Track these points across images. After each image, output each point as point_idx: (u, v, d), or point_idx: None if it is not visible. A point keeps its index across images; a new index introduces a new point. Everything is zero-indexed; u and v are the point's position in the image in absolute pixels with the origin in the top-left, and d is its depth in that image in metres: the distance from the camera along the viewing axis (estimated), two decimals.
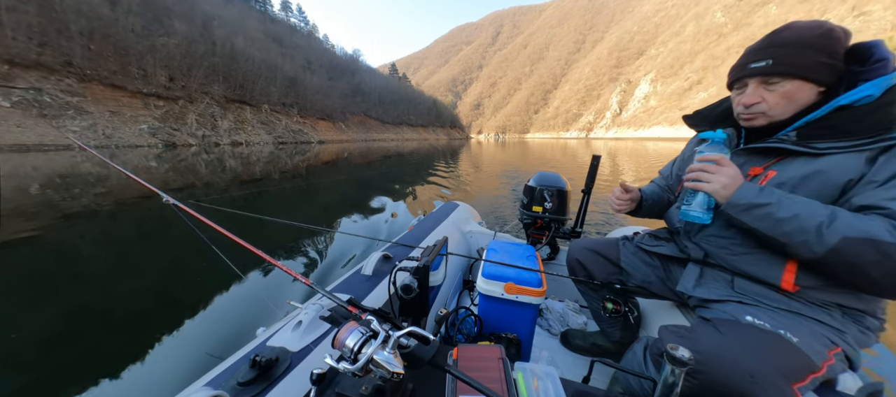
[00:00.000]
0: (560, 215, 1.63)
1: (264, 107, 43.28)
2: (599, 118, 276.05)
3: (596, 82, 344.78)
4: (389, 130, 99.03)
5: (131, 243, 3.56)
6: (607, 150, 25.97)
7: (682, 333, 0.70)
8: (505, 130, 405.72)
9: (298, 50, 67.86)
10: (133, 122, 26.94)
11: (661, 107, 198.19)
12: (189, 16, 38.16)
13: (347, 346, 0.47)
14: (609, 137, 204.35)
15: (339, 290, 1.07)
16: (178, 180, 8.29)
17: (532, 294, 1.01)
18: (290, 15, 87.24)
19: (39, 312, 2.09)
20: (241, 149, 24.43)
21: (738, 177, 0.69)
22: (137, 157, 14.95)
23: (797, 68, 0.65)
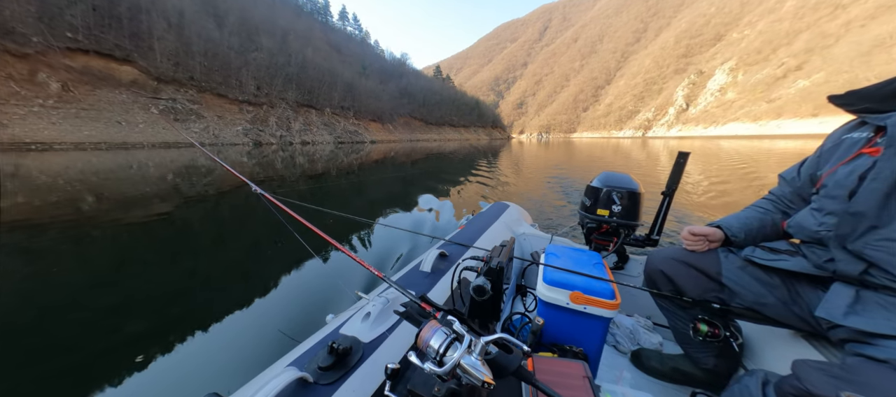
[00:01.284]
0: (630, 220, 1.46)
1: (327, 110, 49.16)
2: (660, 114, 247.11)
3: (658, 75, 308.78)
4: (432, 131, 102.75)
5: (227, 223, 4.27)
6: (668, 150, 24.05)
7: (838, 373, 0.54)
8: (549, 130, 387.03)
9: (354, 57, 74.70)
10: (232, 125, 33.35)
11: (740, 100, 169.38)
12: (272, 31, 45.21)
13: (432, 347, 0.46)
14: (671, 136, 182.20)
15: (401, 285, 1.08)
16: (261, 173, 9.75)
17: (604, 306, 0.93)
18: (347, 24, 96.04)
19: (167, 272, 2.67)
20: (308, 147, 28.57)
21: None
22: (235, 154, 18.57)
23: None
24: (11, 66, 22.66)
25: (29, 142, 19.36)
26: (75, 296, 2.25)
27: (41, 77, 23.53)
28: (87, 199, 5.53)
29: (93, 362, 1.63)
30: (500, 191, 7.01)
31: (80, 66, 26.20)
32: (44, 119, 21.58)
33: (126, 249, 3.24)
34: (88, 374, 1.55)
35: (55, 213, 4.43)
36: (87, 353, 1.68)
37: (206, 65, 34.88)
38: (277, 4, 61.12)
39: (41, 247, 3.21)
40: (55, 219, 4.17)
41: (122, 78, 28.39)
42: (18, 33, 23.13)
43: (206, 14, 37.35)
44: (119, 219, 4.28)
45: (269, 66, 40.64)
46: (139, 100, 28.25)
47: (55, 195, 5.80)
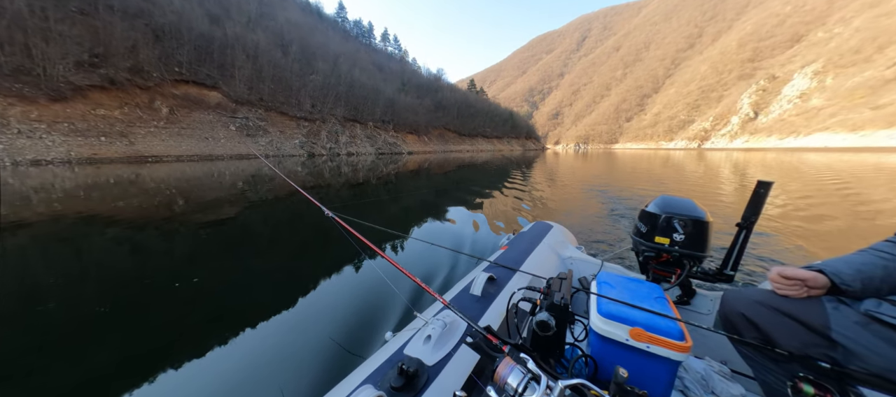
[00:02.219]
0: (697, 251, 1.35)
1: (369, 123, 53.21)
2: (720, 124, 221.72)
3: (716, 81, 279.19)
4: (465, 142, 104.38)
5: (281, 228, 4.50)
6: (732, 163, 21.24)
7: None
8: (587, 140, 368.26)
9: (394, 74, 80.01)
10: (291, 138, 37.88)
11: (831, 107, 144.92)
12: (325, 57, 50.80)
13: (511, 385, 0.46)
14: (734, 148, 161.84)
15: (455, 307, 1.07)
16: (311, 181, 10.78)
17: (673, 347, 0.83)
18: (388, 44, 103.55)
19: (227, 267, 2.97)
20: (353, 157, 31.40)
21: None
22: (292, 164, 21.02)
23: None
24: (138, 96, 28.77)
25: (147, 155, 24.26)
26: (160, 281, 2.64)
27: (156, 104, 29.45)
28: (179, 202, 6.35)
29: (166, 350, 1.80)
30: (539, 207, 6.76)
31: (181, 93, 32.23)
32: (157, 137, 26.87)
33: (202, 244, 3.68)
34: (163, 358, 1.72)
35: (155, 214, 5.22)
36: (162, 340, 1.91)
37: (273, 87, 40.38)
38: (330, 31, 68.54)
39: (142, 239, 3.84)
40: (153, 217, 4.95)
41: (209, 101, 34.19)
42: (145, 71, 29.42)
43: (274, 45, 43.43)
44: (198, 218, 4.89)
45: (322, 87, 45.58)
46: (221, 119, 33.67)
47: (158, 198, 6.89)
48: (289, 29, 48.46)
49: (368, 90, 54.11)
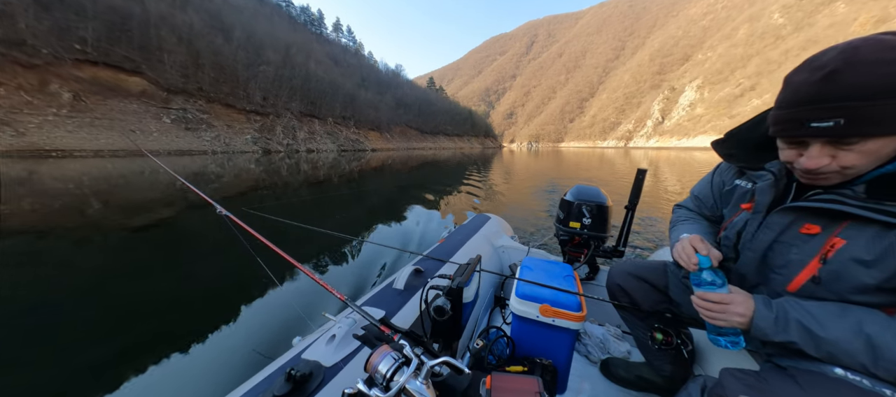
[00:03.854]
0: (600, 232, 1.51)
1: (329, 119, 50.17)
2: (639, 126, 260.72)
3: (636, 90, 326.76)
4: (427, 140, 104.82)
5: (200, 232, 4.05)
6: (649, 160, 25.86)
7: (751, 382, 0.59)
8: (538, 139, 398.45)
9: (352, 68, 76.32)
10: (241, 133, 33.88)
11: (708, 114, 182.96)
12: (276, 46, 46.25)
13: (380, 372, 0.46)
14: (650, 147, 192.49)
15: (372, 304, 1.05)
16: (267, 179, 9.81)
17: (570, 318, 0.95)
18: (341, 35, 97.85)
19: (147, 282, 2.49)
20: (313, 155, 29.46)
21: (749, 305, 0.60)
22: (244, 161, 18.93)
23: (881, 127, 0.47)
24: (21, 76, 22.80)
25: (49, 149, 19.56)
26: (49, 306, 2.10)
27: (53, 88, 23.70)
28: (94, 205, 5.34)
29: (71, 369, 1.53)
30: (490, 202, 6.83)
31: (89, 77, 26.41)
32: (60, 128, 21.74)
33: (119, 256, 3.13)
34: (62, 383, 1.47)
35: (56, 219, 4.30)
36: (65, 363, 1.58)
37: (215, 76, 35.46)
38: (275, 17, 62.29)
39: (38, 250, 3.15)
40: (56, 224, 4.04)
41: (130, 88, 28.68)
42: (28, 45, 23.38)
43: (213, 29, 38.13)
44: (123, 224, 4.18)
45: (274, 79, 41.52)
46: (150, 110, 28.56)
47: (60, 201, 5.54)
48: (227, 12, 42.86)
49: (326, 84, 50.92)
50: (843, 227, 0.55)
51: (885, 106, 0.45)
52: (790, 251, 0.62)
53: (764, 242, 0.65)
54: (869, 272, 0.53)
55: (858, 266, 0.53)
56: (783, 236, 0.62)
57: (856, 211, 0.52)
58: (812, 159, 0.54)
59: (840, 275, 0.55)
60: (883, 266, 0.51)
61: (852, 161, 0.51)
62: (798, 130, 0.53)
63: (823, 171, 0.54)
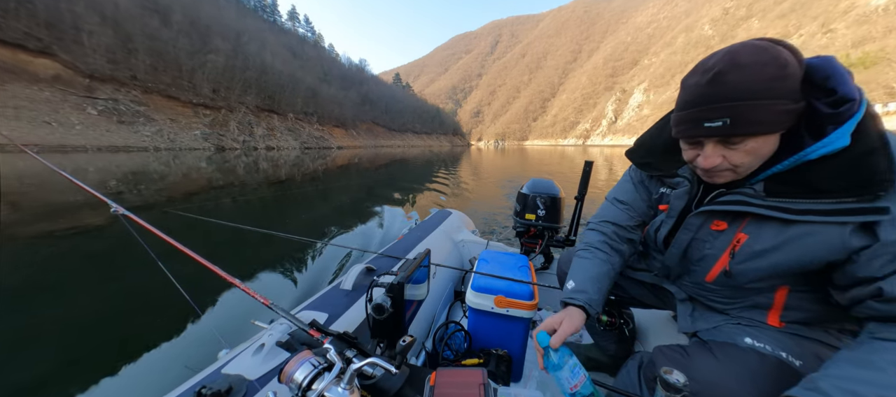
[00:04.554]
0: (553, 223, 1.58)
1: (290, 115, 47.54)
2: (596, 126, 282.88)
3: (592, 91, 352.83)
4: (396, 137, 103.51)
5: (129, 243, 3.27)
6: (604, 157, 27.33)
7: (677, 358, 0.66)
8: (504, 137, 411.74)
9: (313, 61, 72.59)
10: (188, 129, 30.90)
11: (654, 115, 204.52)
12: (225, 33, 42.54)
13: (295, 381, 0.42)
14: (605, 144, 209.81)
15: (314, 308, 0.99)
16: (221, 179, 8.77)
17: (523, 307, 0.98)
18: (298, 25, 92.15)
19: (82, 291, 2.23)
20: (274, 152, 27.77)
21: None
22: (194, 159, 17.11)
23: (759, 126, 0.53)
24: None
25: None
26: None
27: None
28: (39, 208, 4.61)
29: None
30: (458, 198, 6.77)
31: None
32: None
33: (50, 264, 2.75)
34: None
35: None
36: None
37: (151, 64, 31.79)
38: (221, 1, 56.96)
39: None
40: None
41: (39, 72, 24.72)
42: None
43: (146, 10, 34.07)
44: (42, 231, 3.62)
45: (225, 69, 38.30)
46: (69, 98, 24.87)
47: None
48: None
49: (285, 77, 48.11)
50: (745, 223, 0.61)
51: (763, 106, 0.50)
52: (704, 247, 0.68)
53: (683, 241, 0.70)
54: (768, 262, 0.59)
55: (759, 258, 0.59)
56: (698, 233, 0.68)
57: (757, 210, 0.57)
58: (707, 158, 0.58)
59: (746, 267, 0.61)
60: (779, 256, 0.57)
61: (739, 160, 0.56)
62: (695, 130, 0.57)
63: (718, 169, 0.59)
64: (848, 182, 0.50)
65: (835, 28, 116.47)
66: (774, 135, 0.55)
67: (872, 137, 0.50)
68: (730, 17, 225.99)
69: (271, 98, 44.56)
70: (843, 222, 0.51)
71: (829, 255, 0.54)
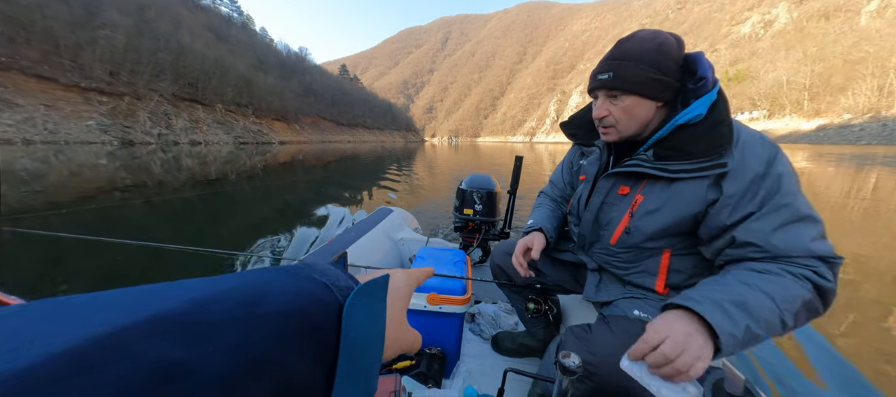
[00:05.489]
0: (490, 217, 1.61)
1: (218, 106, 41.57)
2: (541, 124, 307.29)
3: (536, 91, 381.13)
4: (345, 132, 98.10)
5: None
6: (549, 152, 28.71)
7: (582, 335, 0.72)
8: (458, 134, 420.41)
9: (244, 46, 64.32)
10: (76, 118, 24.99)
11: None
12: (123, 6, 35.14)
13: None
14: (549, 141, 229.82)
15: None
16: (129, 178, 7.73)
17: (455, 303, 0.99)
18: (220, 3, 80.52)
19: None
20: (200, 148, 24.46)
21: (698, 338, 0.52)
22: (88, 154, 14.64)
23: (630, 84, 0.66)
24: None
25: None
26: None
27: None
28: None
29: None
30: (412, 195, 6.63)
31: None
32: None
33: None
34: None
35: None
36: None
37: (9, 36, 24.80)
38: None
39: None
40: None
41: None
42: None
43: None
44: None
45: (126, 49, 31.77)
46: None
47: None
48: None
49: (209, 63, 41.82)
50: (643, 186, 0.72)
51: (638, 69, 0.65)
52: (612, 210, 0.77)
53: (595, 204, 0.79)
54: (656, 219, 0.70)
55: (650, 215, 0.70)
56: (607, 198, 0.78)
57: (648, 170, 0.68)
58: (598, 108, 0.72)
59: (640, 225, 0.72)
60: (664, 213, 0.68)
61: (618, 115, 0.69)
62: (592, 82, 0.72)
63: (605, 123, 0.72)
64: (706, 145, 0.62)
65: (719, 48, 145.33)
66: (648, 101, 0.67)
67: (721, 111, 0.64)
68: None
69: (193, 86, 38.36)
70: (702, 177, 0.63)
71: (696, 208, 0.64)
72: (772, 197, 0.60)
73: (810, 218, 0.59)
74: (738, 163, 0.61)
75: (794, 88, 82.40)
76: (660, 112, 0.69)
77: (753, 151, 0.62)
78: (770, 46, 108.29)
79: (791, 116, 77.28)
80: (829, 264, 0.57)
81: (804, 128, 67.95)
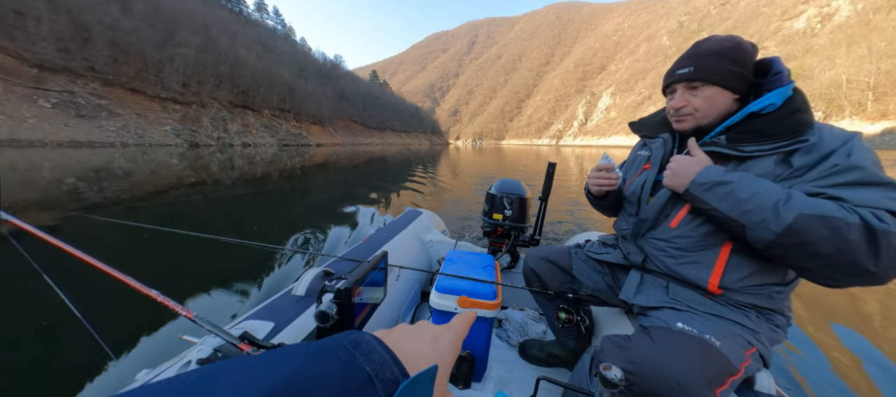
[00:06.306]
0: (520, 223, 1.62)
1: (265, 111, 46.06)
2: (568, 127, 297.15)
3: (564, 93, 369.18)
4: (375, 135, 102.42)
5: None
6: (575, 156, 28.37)
7: (622, 344, 0.71)
8: (482, 137, 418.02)
9: (287, 56, 70.07)
10: (157, 124, 29.34)
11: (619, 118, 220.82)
12: (193, 26, 40.32)
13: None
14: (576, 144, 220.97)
15: (261, 317, 0.91)
16: (193, 176, 8.60)
17: (486, 307, 1.00)
18: (266, 17, 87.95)
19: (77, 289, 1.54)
20: (250, 149, 27.14)
21: (703, 161, 0.73)
22: (165, 156, 16.52)
23: (713, 75, 0.73)
24: None
25: None
26: None
27: None
28: None
29: None
30: (434, 198, 6.76)
31: None
32: None
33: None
34: None
35: None
36: None
37: (111, 55, 29.70)
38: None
39: None
40: None
41: None
42: None
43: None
44: None
45: (196, 63, 36.51)
46: (15, 90, 22.85)
47: None
48: None
49: (260, 72, 46.45)
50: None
51: (716, 63, 0.73)
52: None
53: (667, 193, 0.81)
54: None
55: None
56: None
57: (720, 149, 0.73)
58: (676, 99, 0.80)
59: None
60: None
61: (698, 103, 0.76)
62: (669, 78, 0.81)
63: (683, 112, 0.79)
64: (784, 128, 0.68)
65: (767, 46, 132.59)
66: (727, 91, 0.75)
67: (799, 102, 0.70)
68: (684, 30, 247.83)
69: (245, 93, 42.95)
70: (774, 153, 0.68)
71: (764, 178, 0.68)
72: (845, 167, 0.60)
73: (889, 183, 0.57)
74: (816, 141, 0.65)
75: (855, 88, 73.42)
76: (735, 104, 0.76)
77: (831, 133, 0.65)
78: (828, 42, 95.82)
79: (851, 118, 68.55)
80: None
81: (867, 132, 60.27)
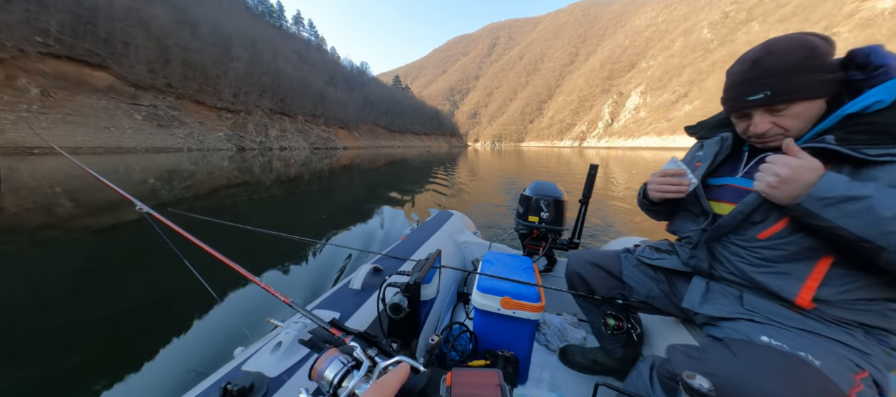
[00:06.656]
0: (557, 225, 1.60)
1: (299, 117, 51.76)
2: (592, 128, 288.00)
3: (588, 93, 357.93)
4: (396, 138, 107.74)
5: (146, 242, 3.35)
6: (600, 159, 27.71)
7: (693, 354, 0.66)
8: (501, 139, 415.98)
9: (318, 65, 76.80)
10: (213, 131, 35.04)
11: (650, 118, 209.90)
12: (243, 42, 46.71)
13: (326, 378, 0.43)
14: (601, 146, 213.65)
15: (325, 307, 1.00)
16: (240, 177, 9.47)
17: (530, 309, 0.99)
18: (302, 29, 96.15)
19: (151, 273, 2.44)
20: (286, 152, 31.10)
21: (816, 168, 0.59)
22: (218, 159, 17.81)
23: (797, 92, 0.64)
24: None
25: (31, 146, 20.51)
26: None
27: (21, 83, 23.76)
28: (65, 204, 5.00)
29: None
30: (455, 199, 6.96)
31: (52, 71, 26.42)
32: (35, 125, 22.32)
33: (86, 258, 2.86)
34: None
35: (27, 219, 3.99)
36: None
37: (183, 72, 35.92)
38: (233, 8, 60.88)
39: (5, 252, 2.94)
40: (24, 223, 3.77)
41: (96, 83, 28.83)
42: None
43: (179, 23, 38.32)
44: (88, 225, 3.92)
45: (245, 76, 42.54)
46: (120, 106, 28.98)
47: (32, 200, 5.19)
48: (191, 4, 42.72)
49: (296, 81, 52.28)
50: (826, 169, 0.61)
51: (796, 80, 0.63)
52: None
53: (755, 199, 0.70)
54: None
55: None
56: None
57: (835, 148, 0.61)
58: (757, 125, 0.70)
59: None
60: None
61: (788, 123, 0.67)
62: (739, 104, 0.71)
63: (769, 134, 0.70)
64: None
65: (838, 32, 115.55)
66: (817, 100, 0.65)
67: None
68: (729, 21, 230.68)
69: (283, 101, 48.72)
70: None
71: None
72: None
73: None
74: None
75: None
76: (826, 106, 0.67)
77: None
78: None
79: None
80: None
81: None
